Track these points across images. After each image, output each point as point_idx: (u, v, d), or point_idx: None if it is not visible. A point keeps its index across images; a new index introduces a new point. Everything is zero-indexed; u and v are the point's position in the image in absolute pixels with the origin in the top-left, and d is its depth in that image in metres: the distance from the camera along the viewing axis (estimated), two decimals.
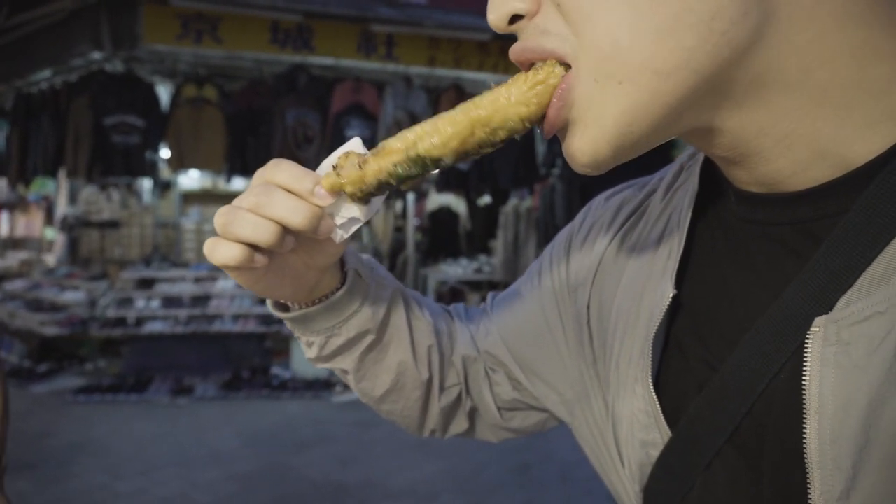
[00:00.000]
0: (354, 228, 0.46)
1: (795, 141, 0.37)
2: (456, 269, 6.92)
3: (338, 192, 0.43)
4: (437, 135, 0.40)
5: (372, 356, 0.59)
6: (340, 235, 0.47)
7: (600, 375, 0.55)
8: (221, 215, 0.43)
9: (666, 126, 0.37)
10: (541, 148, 5.51)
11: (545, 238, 5.75)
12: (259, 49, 5.00)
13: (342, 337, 0.56)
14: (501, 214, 6.50)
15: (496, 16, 0.39)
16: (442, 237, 7.67)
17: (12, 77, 5.81)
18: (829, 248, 0.36)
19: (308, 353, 0.59)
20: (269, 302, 0.57)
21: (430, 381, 0.63)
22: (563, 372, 0.60)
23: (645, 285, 0.50)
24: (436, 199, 7.72)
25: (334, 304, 0.55)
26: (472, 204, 7.93)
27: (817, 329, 0.35)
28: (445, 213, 7.80)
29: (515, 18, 0.39)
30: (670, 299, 0.45)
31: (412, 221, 7.03)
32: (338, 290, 0.55)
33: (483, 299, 0.72)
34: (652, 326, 0.47)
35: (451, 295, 6.68)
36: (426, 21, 5.03)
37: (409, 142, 0.41)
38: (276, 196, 0.43)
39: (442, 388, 0.64)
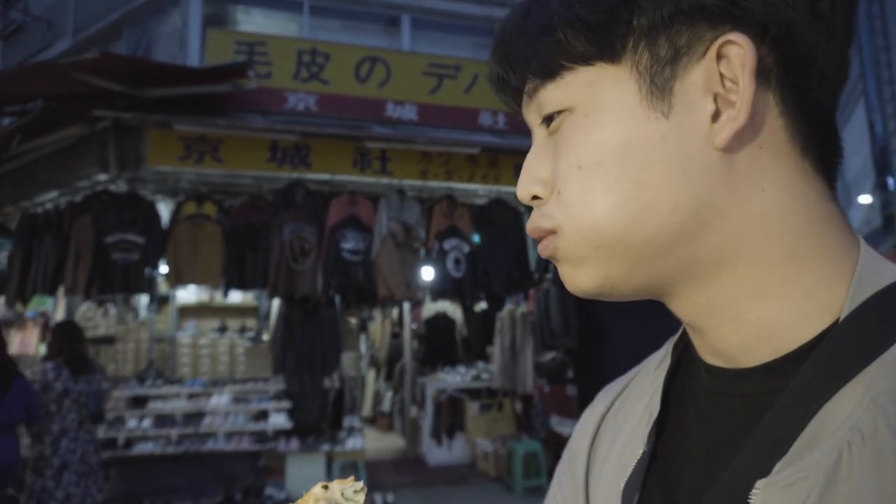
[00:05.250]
0: None
1: (743, 325, 0.45)
2: (454, 377, 6.81)
3: None
4: None
5: None
6: None
7: None
8: None
9: (636, 283, 0.46)
10: (533, 254, 5.62)
11: (542, 342, 5.72)
12: (258, 167, 5.22)
13: None
14: (498, 320, 6.50)
15: (522, 194, 0.51)
16: (438, 343, 7.60)
17: (19, 199, 5.99)
18: (769, 420, 0.42)
19: None
20: None
21: None
22: None
23: (628, 446, 0.55)
24: (432, 306, 7.73)
25: None
26: (468, 310, 7.93)
27: (758, 490, 0.40)
28: (442, 319, 7.78)
29: (535, 198, 0.49)
30: (639, 455, 0.51)
31: (409, 328, 7.00)
32: None
33: (482, 408, 0.75)
34: (622, 478, 0.51)
35: (451, 404, 6.53)
36: (418, 137, 5.31)
37: None
38: None
39: None
